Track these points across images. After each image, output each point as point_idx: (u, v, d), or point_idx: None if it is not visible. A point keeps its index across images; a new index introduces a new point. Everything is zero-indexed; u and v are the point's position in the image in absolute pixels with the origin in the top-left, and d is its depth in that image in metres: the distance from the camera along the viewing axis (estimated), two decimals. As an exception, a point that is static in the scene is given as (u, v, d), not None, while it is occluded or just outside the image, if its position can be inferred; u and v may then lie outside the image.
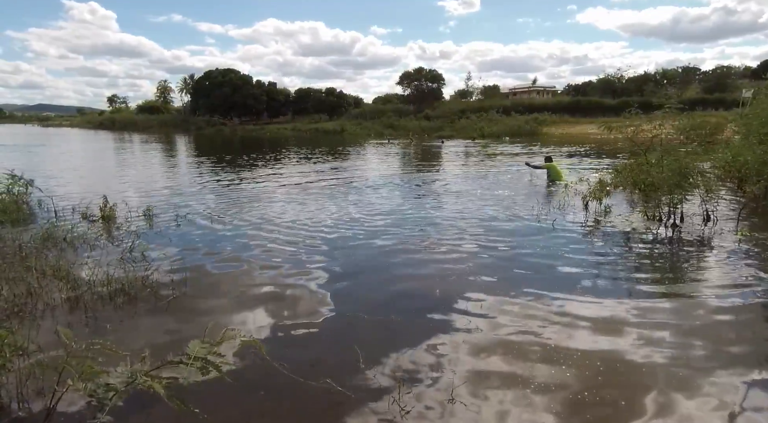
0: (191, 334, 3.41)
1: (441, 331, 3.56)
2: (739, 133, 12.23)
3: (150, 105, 78.69)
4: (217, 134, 50.77)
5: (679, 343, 3.35)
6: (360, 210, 8.23)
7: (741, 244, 5.69)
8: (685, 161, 6.56)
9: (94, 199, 7.98)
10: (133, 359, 2.00)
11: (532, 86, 72.88)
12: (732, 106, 34.27)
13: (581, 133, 37.49)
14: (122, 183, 12.46)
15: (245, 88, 64.98)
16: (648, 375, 2.96)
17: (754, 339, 3.45)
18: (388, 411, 2.61)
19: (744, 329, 3.58)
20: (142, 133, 54.19)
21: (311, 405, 2.72)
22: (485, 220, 7.26)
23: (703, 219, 6.76)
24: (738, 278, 4.62)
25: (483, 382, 2.90)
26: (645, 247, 5.83)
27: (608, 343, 3.36)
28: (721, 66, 56.60)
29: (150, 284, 4.43)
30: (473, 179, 12.72)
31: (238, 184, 12.06)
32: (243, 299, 4.30)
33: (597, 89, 58.57)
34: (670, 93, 45.15)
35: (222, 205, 8.75)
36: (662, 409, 2.63)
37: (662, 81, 56.17)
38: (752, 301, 4.05)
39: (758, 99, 11.32)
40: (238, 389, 2.77)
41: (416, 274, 4.91)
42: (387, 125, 49.50)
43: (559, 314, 3.82)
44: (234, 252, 5.66)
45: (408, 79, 63.67)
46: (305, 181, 12.43)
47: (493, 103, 54.28)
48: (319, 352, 3.36)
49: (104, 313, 3.90)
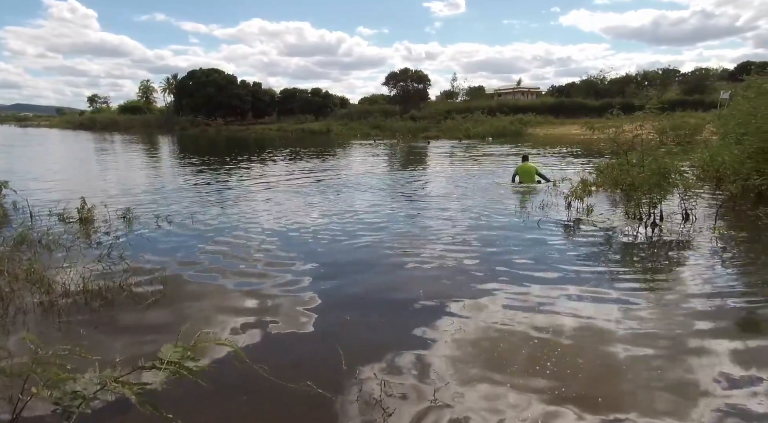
0: (171, 339, 3.34)
1: (424, 331, 3.54)
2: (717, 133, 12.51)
3: (132, 105, 77.46)
4: (202, 135, 50.17)
5: (659, 337, 3.39)
6: (343, 210, 8.18)
7: (718, 242, 5.80)
8: (664, 161, 6.67)
9: (72, 201, 7.79)
10: (104, 364, 1.93)
11: (516, 87, 73.61)
12: (710, 107, 35.11)
13: (565, 133, 37.97)
14: (102, 184, 12.21)
15: (230, 88, 64.33)
16: (630, 370, 2.98)
17: (731, 332, 3.51)
18: (371, 413, 2.58)
19: (721, 323, 3.63)
20: (124, 133, 53.29)
21: (292, 408, 2.67)
22: (469, 220, 7.28)
23: (682, 217, 6.87)
24: (714, 275, 4.70)
25: (466, 381, 2.89)
26: (626, 246, 5.90)
27: (591, 340, 3.38)
28: (700, 68, 57.84)
29: (128, 287, 4.33)
30: (457, 179, 12.76)
31: (221, 185, 11.91)
32: (224, 302, 4.22)
33: (580, 90, 59.35)
34: (651, 94, 45.97)
35: (204, 207, 8.62)
36: (642, 403, 2.64)
37: (643, 82, 57.18)
38: (728, 297, 4.11)
39: (735, 100, 11.59)
40: (216, 393, 2.72)
41: (399, 274, 4.89)
42: (373, 126, 49.50)
43: (543, 312, 3.84)
44: (215, 254, 5.57)
45: (394, 80, 63.72)
46: (289, 182, 12.33)
47: (479, 103, 54.67)
48: (300, 354, 3.31)
49: (79, 318, 3.80)
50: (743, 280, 4.68)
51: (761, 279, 4.64)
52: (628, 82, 56.95)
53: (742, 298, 4.13)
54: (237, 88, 65.66)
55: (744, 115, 9.51)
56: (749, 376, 2.93)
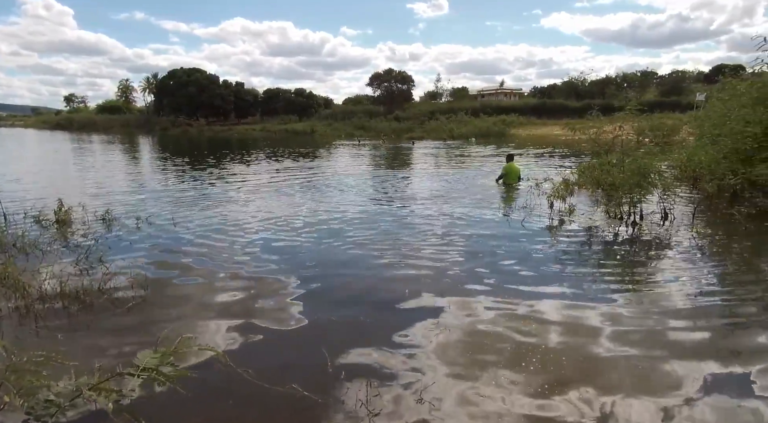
0: (152, 343, 3.27)
1: (409, 332, 3.54)
2: (694, 134, 12.81)
3: (111, 105, 76.01)
4: (183, 135, 49.42)
5: (639, 334, 3.45)
6: (327, 211, 8.14)
7: (696, 240, 5.93)
8: (643, 162, 6.80)
9: (49, 203, 7.59)
10: (83, 370, 1.88)
11: (499, 88, 74.39)
12: (687, 108, 35.97)
13: (547, 134, 38.50)
14: (79, 185, 11.92)
15: (212, 88, 63.57)
16: (611, 367, 3.03)
17: (708, 328, 3.59)
18: (357, 414, 2.57)
19: (699, 320, 3.71)
20: (102, 133, 52.19)
21: (277, 411, 2.64)
22: (453, 220, 7.31)
23: (661, 217, 7.01)
24: (693, 272, 4.80)
25: (452, 381, 2.90)
26: (607, 244, 6.00)
27: (573, 337, 3.43)
28: (677, 70, 59.42)
29: (107, 291, 4.23)
30: (440, 179, 12.82)
31: (203, 186, 11.74)
32: (207, 305, 4.15)
33: (562, 92, 60.32)
34: (631, 96, 46.95)
35: (185, 208, 8.49)
36: (621, 401, 2.68)
37: (623, 84, 58.37)
38: (706, 295, 4.21)
39: (711, 102, 11.90)
40: (200, 398, 2.67)
41: (384, 274, 4.88)
42: (358, 126, 49.50)
43: (526, 311, 3.87)
44: (197, 256, 5.48)
45: (378, 81, 63.81)
46: (272, 183, 12.23)
47: (463, 104, 55.14)
48: (285, 356, 3.28)
49: (56, 322, 3.69)
50: (720, 277, 4.80)
51: (737, 276, 4.77)
52: (608, 84, 58.10)
53: (720, 296, 4.23)
54: (219, 88, 64.94)
55: (719, 116, 9.77)
56: (728, 372, 3.00)
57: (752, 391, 2.79)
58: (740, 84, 9.62)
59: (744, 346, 3.36)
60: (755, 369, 3.01)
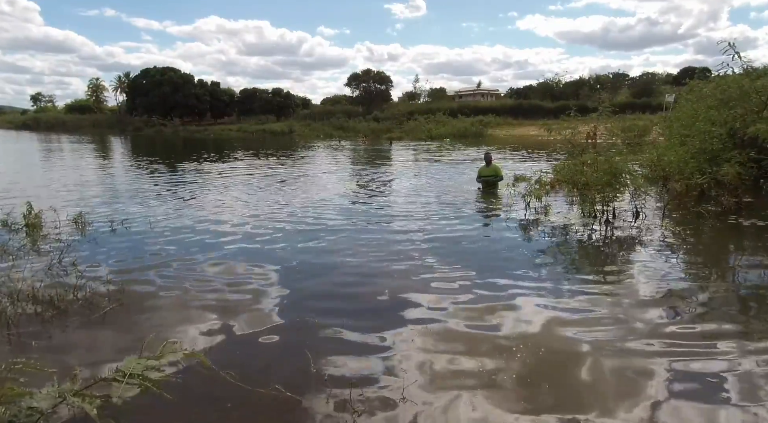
0: (130, 348, 3.23)
1: (391, 331, 3.57)
2: (663, 135, 13.22)
3: (81, 104, 73.83)
4: (157, 135, 48.36)
5: (614, 330, 3.56)
6: (306, 211, 8.12)
7: (666, 238, 6.16)
8: (615, 161, 7.00)
9: (17, 206, 7.34)
10: (63, 377, 1.85)
11: (477, 89, 75.31)
12: (657, 109, 37.08)
13: (524, 134, 39.16)
14: (50, 188, 11.55)
15: (186, 87, 62.39)
16: (587, 364, 3.12)
17: (678, 322, 3.74)
18: (340, 414, 2.59)
19: (668, 311, 3.86)
20: (71, 134, 50.62)
21: (260, 413, 2.64)
22: (432, 219, 7.38)
23: (633, 215, 7.24)
24: (664, 268, 4.98)
25: (434, 379, 2.95)
26: (582, 243, 6.16)
27: (549, 333, 3.52)
28: (647, 72, 61.23)
29: (82, 296, 4.13)
30: (419, 179, 12.92)
31: (179, 187, 11.54)
32: (186, 308, 4.10)
33: (537, 93, 61.42)
34: (604, 97, 48.13)
35: (161, 210, 8.33)
36: (598, 395, 2.78)
37: (596, 85, 59.80)
38: (677, 290, 4.38)
39: (680, 103, 12.31)
40: (183, 402, 2.64)
41: (365, 274, 4.91)
42: (337, 126, 49.35)
43: (505, 308, 3.96)
44: (174, 259, 5.40)
45: (356, 81, 63.79)
46: (250, 184, 12.10)
47: (441, 105, 55.51)
48: (268, 358, 3.28)
49: (30, 329, 3.60)
50: (690, 272, 5.00)
51: (704, 269, 4.98)
52: (582, 85, 59.43)
53: (688, 288, 4.41)
54: (194, 88, 63.77)
55: (687, 117, 10.11)
56: (700, 367, 3.13)
57: (722, 378, 2.92)
58: (706, 85, 9.98)
59: (711, 334, 3.51)
60: (723, 356, 3.15)
